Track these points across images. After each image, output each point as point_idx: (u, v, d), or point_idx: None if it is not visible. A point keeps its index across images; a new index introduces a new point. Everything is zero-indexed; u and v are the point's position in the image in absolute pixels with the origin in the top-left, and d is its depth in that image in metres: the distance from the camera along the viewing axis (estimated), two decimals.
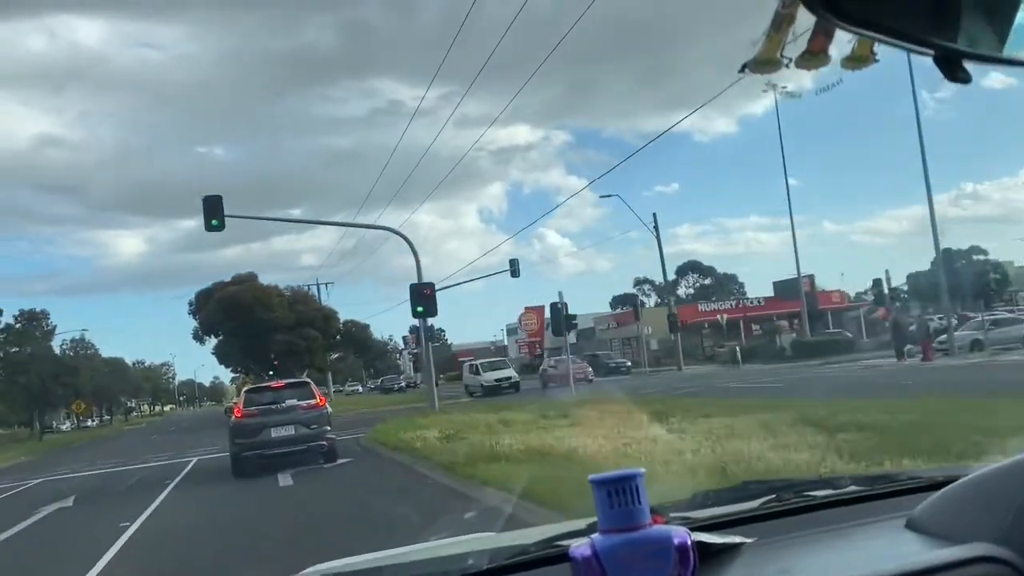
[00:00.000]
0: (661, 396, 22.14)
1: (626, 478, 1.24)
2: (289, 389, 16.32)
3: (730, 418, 12.63)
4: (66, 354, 65.77)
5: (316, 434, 15.44)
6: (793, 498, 1.75)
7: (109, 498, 15.19)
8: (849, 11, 0.84)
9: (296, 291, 57.56)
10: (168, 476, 17.64)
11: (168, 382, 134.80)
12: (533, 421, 16.78)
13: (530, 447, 11.89)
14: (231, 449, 15.63)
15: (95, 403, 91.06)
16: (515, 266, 47.77)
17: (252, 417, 15.46)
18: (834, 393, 17.70)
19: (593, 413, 16.00)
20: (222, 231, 23.82)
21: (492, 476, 9.91)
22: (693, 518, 1.55)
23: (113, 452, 32.49)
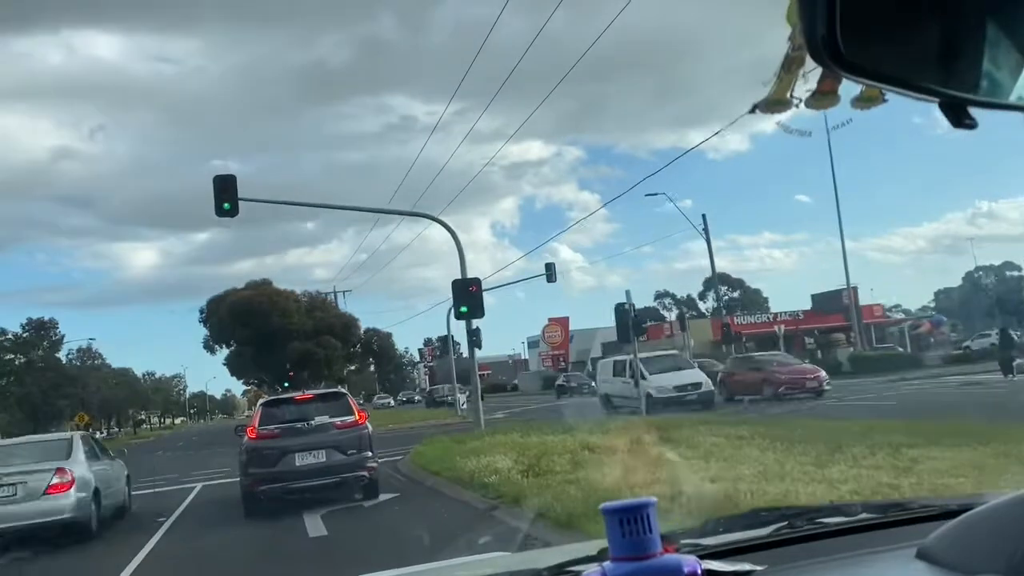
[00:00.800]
0: (782, 418, 18.39)
1: (638, 507, 1.24)
2: (319, 402, 12.48)
3: (950, 450, 8.90)
4: (72, 364, 62.49)
5: (355, 462, 11.72)
6: (804, 525, 1.76)
7: (78, 550, 10.75)
8: (854, 62, 0.85)
9: (314, 297, 53.88)
10: (163, 511, 14.05)
11: (179, 395, 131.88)
12: (630, 448, 13.05)
13: None
14: (242, 481, 11.91)
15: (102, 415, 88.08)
16: (551, 271, 44.57)
17: (270, 439, 11.81)
18: (997, 414, 14.04)
19: (716, 438, 12.30)
20: (234, 216, 20.33)
21: None
22: (704, 545, 1.54)
23: None
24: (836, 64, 0.85)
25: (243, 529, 11.08)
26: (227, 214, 20.24)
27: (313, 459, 11.59)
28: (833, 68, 0.85)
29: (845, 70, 0.85)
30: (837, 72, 0.86)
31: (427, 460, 15.65)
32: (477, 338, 22.12)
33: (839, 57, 0.84)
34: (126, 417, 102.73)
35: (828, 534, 1.70)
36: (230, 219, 20.31)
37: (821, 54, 0.84)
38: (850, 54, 0.84)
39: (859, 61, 0.85)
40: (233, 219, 19.92)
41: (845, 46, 0.83)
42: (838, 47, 0.84)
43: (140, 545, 10.33)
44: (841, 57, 0.84)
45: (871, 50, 0.85)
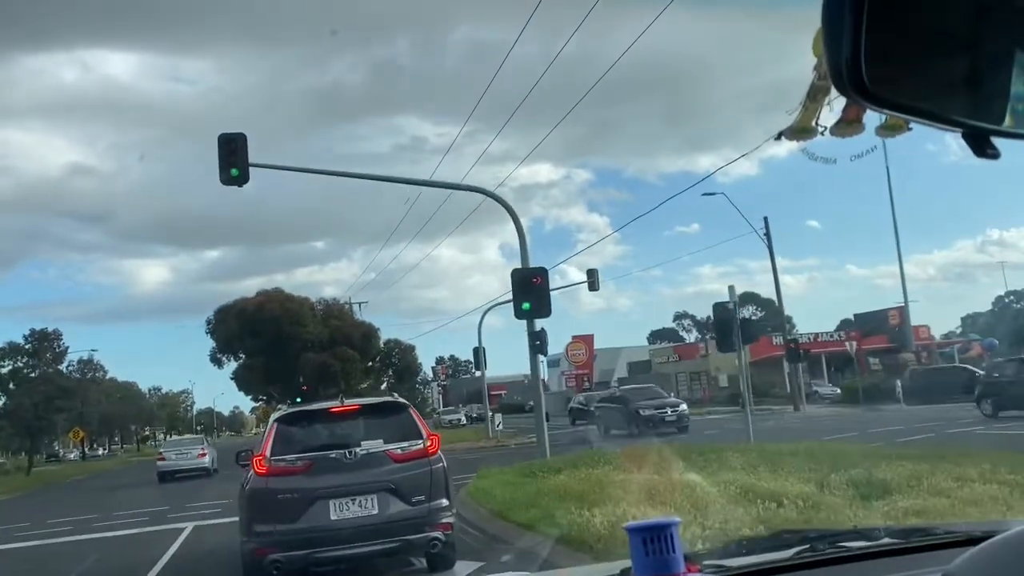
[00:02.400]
0: (918, 450, 13.99)
1: (661, 527, 1.22)
2: (366, 418, 7.96)
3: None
4: (71, 375, 58.30)
5: (423, 515, 7.30)
6: (827, 549, 1.72)
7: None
8: (879, 95, 0.86)
9: (330, 304, 49.25)
10: (136, 568, 9.82)
11: (186, 411, 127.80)
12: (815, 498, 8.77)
13: None
14: (243, 543, 7.41)
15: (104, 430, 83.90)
16: (594, 277, 40.37)
17: (290, 476, 7.32)
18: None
19: None
20: (243, 183, 16.23)
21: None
22: (727, 567, 1.51)
23: (93, 498, 24.74)
24: (860, 95, 0.85)
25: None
26: (235, 181, 16.14)
27: (359, 510, 7.17)
28: (857, 99, 0.86)
29: (869, 101, 0.86)
30: (862, 103, 0.87)
31: (501, 503, 11.32)
32: (542, 342, 17.78)
33: (863, 88, 0.84)
34: (129, 433, 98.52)
35: (851, 558, 1.66)
36: (238, 186, 16.22)
37: (845, 85, 0.85)
38: (874, 85, 0.84)
39: (883, 92, 0.85)
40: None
41: (869, 77, 0.83)
42: (862, 78, 0.84)
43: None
44: (865, 88, 0.84)
45: (896, 81, 0.85)
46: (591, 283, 39.89)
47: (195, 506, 17.55)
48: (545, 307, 17.00)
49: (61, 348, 54.00)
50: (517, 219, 17.55)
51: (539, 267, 17.66)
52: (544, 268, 17.55)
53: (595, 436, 28.66)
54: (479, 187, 18.09)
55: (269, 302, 44.36)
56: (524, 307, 16.78)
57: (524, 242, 17.59)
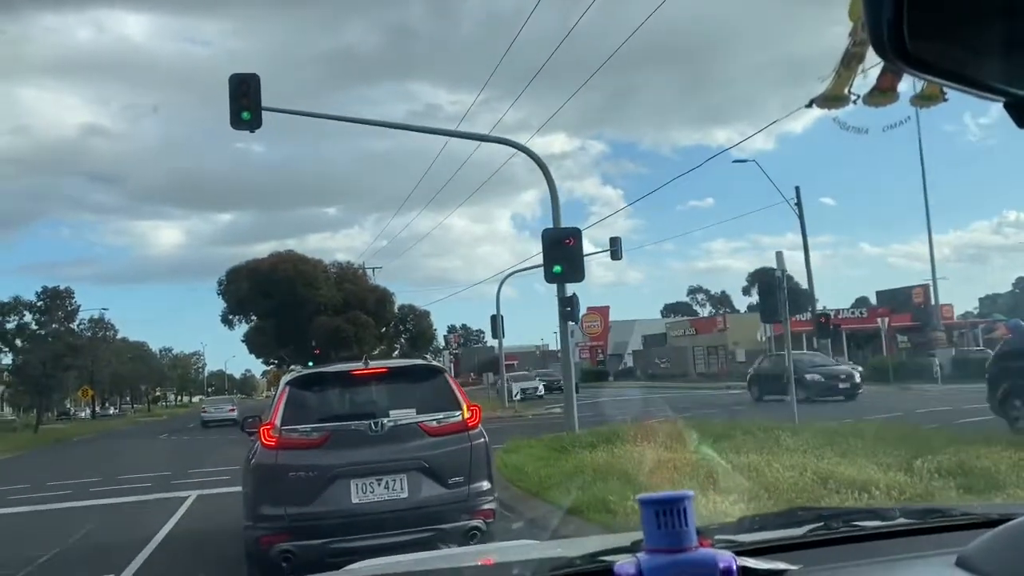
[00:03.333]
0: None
1: (675, 499, 1.22)
2: (395, 382, 6.75)
3: None
4: (82, 334, 57.62)
5: (460, 500, 6.13)
6: (840, 527, 1.71)
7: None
8: (919, 57, 0.83)
9: (344, 268, 47.95)
10: (125, 546, 8.74)
11: (197, 373, 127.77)
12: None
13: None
14: (247, 529, 6.18)
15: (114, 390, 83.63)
16: (616, 246, 39.06)
17: (304, 450, 6.15)
18: None
19: None
20: (256, 128, 15.02)
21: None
22: (739, 542, 1.50)
23: (95, 459, 23.89)
24: (900, 59, 0.82)
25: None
26: (246, 125, 14.93)
27: (385, 492, 5.99)
28: (897, 63, 0.83)
29: (910, 66, 0.83)
30: (901, 67, 0.84)
31: (536, 481, 10.18)
32: (573, 308, 16.55)
33: (904, 52, 0.82)
34: (140, 393, 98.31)
35: (865, 537, 1.65)
36: (250, 131, 14.99)
37: (885, 48, 0.82)
38: (916, 49, 0.81)
39: (925, 57, 0.82)
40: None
41: (911, 40, 0.81)
42: (904, 41, 0.81)
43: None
44: (906, 52, 0.82)
45: (938, 45, 0.82)
46: (613, 252, 38.55)
47: (200, 472, 16.56)
48: (578, 270, 15.77)
49: (72, 306, 53.20)
50: (548, 173, 16.26)
51: (572, 227, 16.41)
52: (578, 229, 16.27)
53: None
54: (508, 139, 16.77)
55: (282, 263, 43.18)
56: (555, 270, 15.51)
57: (556, 199, 16.32)
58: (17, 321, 40.28)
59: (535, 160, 16.37)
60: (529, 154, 16.47)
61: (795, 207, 40.07)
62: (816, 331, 38.90)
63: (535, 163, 16.36)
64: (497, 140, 16.60)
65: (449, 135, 16.69)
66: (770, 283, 16.12)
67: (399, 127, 17.11)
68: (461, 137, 16.65)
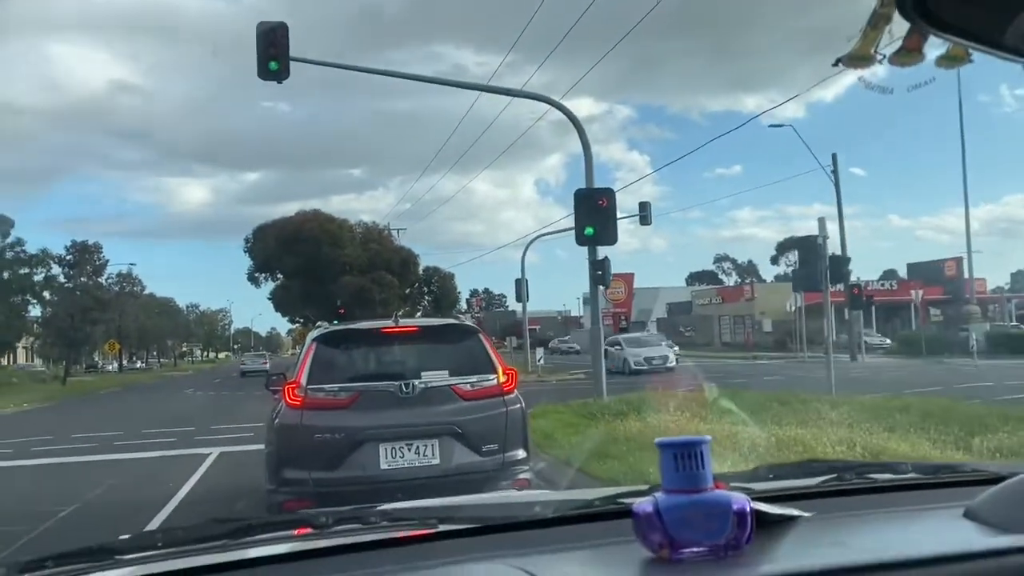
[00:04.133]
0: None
1: (693, 443, 1.26)
2: (427, 342, 6.43)
3: None
4: (110, 288, 58.01)
5: (495, 469, 5.77)
6: (853, 479, 1.76)
7: None
8: (944, 18, 0.83)
9: (370, 228, 47.66)
10: (144, 505, 8.52)
11: (223, 330, 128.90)
12: None
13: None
14: (271, 495, 5.82)
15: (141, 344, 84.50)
16: (646, 211, 38.39)
17: (330, 410, 5.81)
18: None
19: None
20: (284, 79, 14.58)
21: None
22: (753, 489, 1.52)
23: (120, 413, 23.95)
24: (924, 20, 0.82)
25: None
26: (274, 76, 14.49)
27: (415, 458, 5.65)
28: (920, 23, 0.83)
29: (933, 26, 0.83)
30: (925, 28, 0.84)
31: (568, 449, 9.82)
32: (604, 272, 16.05)
33: (927, 13, 0.82)
34: (166, 347, 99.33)
35: (877, 489, 1.70)
36: (278, 81, 14.54)
37: (908, 9, 0.82)
38: (938, 10, 0.81)
39: (948, 17, 0.82)
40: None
41: (934, 1, 0.81)
42: (926, 3, 0.81)
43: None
44: (929, 11, 0.82)
45: (960, 7, 0.82)
46: (643, 217, 37.96)
47: (223, 428, 16.41)
48: (611, 232, 15.25)
49: (101, 261, 53.43)
50: (582, 129, 15.70)
51: (605, 188, 15.87)
52: (611, 189, 15.75)
53: None
54: (541, 95, 16.20)
55: (308, 222, 42.93)
56: (587, 232, 15.02)
57: (589, 156, 15.75)
58: (45, 273, 40.48)
59: (568, 116, 15.82)
60: (562, 109, 15.91)
61: (831, 174, 39.15)
62: (848, 302, 38.12)
63: (568, 119, 15.81)
64: (530, 95, 16.03)
65: (481, 89, 16.15)
66: (811, 250, 15.53)
67: (429, 80, 16.61)
68: (492, 92, 16.09)
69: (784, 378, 24.53)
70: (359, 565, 1.39)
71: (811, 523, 1.41)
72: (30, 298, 40.91)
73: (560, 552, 1.40)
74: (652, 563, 1.24)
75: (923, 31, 0.86)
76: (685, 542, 1.22)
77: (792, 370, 30.30)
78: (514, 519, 1.56)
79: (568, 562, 1.37)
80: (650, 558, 1.25)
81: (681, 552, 1.23)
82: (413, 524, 1.60)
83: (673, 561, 1.22)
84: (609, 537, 1.40)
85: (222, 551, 1.46)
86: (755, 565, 1.22)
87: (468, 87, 16.18)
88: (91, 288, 49.53)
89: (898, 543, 1.35)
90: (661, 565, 1.23)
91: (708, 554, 1.23)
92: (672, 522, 1.21)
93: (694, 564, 1.22)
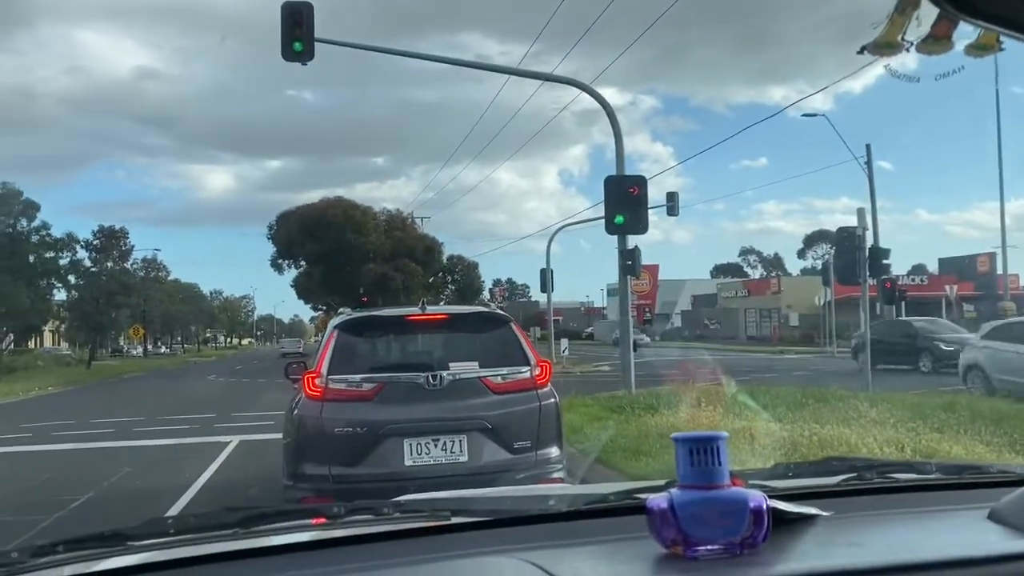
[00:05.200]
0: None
1: (709, 439, 1.24)
2: (455, 331, 6.07)
3: None
4: (136, 273, 58.28)
5: (526, 467, 5.33)
6: (874, 478, 1.71)
7: None
8: (974, 3, 0.81)
9: (393, 215, 47.40)
10: (159, 494, 8.27)
11: (247, 316, 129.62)
12: None
13: None
14: (288, 490, 5.45)
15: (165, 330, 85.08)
16: (673, 201, 37.83)
17: (352, 402, 5.42)
18: None
19: None
20: (308, 60, 14.26)
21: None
22: (771, 487, 1.50)
23: (142, 397, 23.86)
24: (954, 5, 0.80)
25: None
26: (298, 56, 14.17)
27: (442, 455, 5.28)
28: (949, 8, 0.81)
29: (962, 11, 0.80)
30: (953, 13, 0.81)
31: (604, 446, 9.44)
32: (634, 262, 15.62)
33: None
34: (190, 333, 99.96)
35: (899, 489, 1.66)
36: (302, 63, 14.22)
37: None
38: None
39: (979, 3, 0.80)
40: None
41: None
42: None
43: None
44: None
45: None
46: (670, 207, 37.39)
47: (244, 416, 16.19)
48: (641, 221, 14.81)
49: (127, 246, 53.64)
50: (613, 114, 15.21)
51: (637, 175, 15.44)
52: (643, 177, 15.32)
53: None
54: (572, 79, 15.73)
55: (332, 209, 42.72)
56: (617, 220, 14.59)
57: (620, 142, 15.28)
58: (70, 257, 40.69)
59: (599, 100, 15.35)
60: (592, 94, 15.45)
61: (864, 166, 38.33)
62: (881, 296, 37.35)
63: (600, 104, 15.33)
64: (560, 79, 15.57)
65: (512, 73, 15.71)
66: (849, 241, 14.98)
67: (458, 63, 16.16)
68: (523, 75, 15.66)
69: (814, 373, 23.95)
70: (371, 556, 1.37)
71: (829, 522, 1.39)
72: (55, 282, 41.09)
73: (573, 547, 1.38)
74: (666, 559, 1.23)
75: (952, 17, 0.82)
76: (700, 539, 1.20)
77: (822, 365, 29.70)
78: (527, 513, 1.56)
79: (581, 557, 1.35)
80: (664, 554, 1.23)
81: (696, 549, 1.21)
82: (426, 516, 1.57)
83: (687, 558, 1.21)
84: (623, 532, 1.38)
85: (233, 539, 1.43)
86: (771, 564, 1.20)
87: (500, 70, 15.77)
88: (116, 273, 49.72)
89: (919, 545, 1.33)
90: (675, 562, 1.21)
91: (723, 552, 1.21)
92: (687, 518, 1.20)
93: (709, 561, 1.20)
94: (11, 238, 37.79)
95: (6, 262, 35.90)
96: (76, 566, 1.40)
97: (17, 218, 38.66)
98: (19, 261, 36.96)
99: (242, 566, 1.36)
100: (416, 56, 15.21)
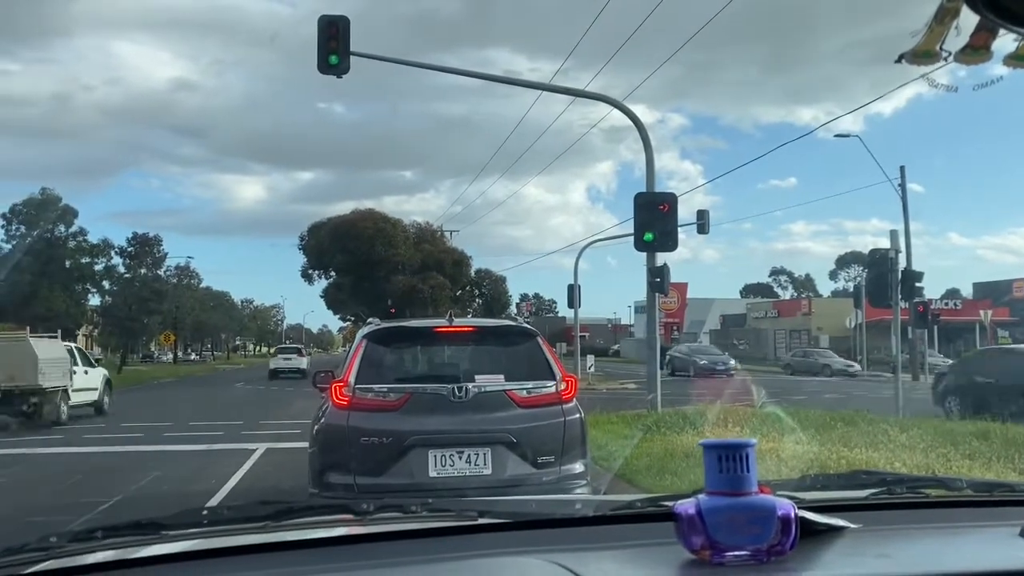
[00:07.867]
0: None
1: (738, 446, 1.24)
2: (481, 344, 6.09)
3: None
4: (168, 280, 59.09)
5: (550, 482, 5.32)
6: (904, 492, 1.69)
7: None
8: (1014, 11, 0.79)
9: (423, 228, 47.71)
10: (186, 500, 8.32)
11: (276, 325, 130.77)
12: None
13: None
14: (312, 500, 5.23)
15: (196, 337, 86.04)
16: (704, 219, 37.62)
17: (378, 412, 5.47)
18: None
19: None
20: (343, 73, 14.44)
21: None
22: (800, 498, 1.44)
23: (171, 403, 24.12)
24: (991, 11, 0.79)
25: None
26: (333, 70, 14.35)
27: (466, 467, 5.30)
28: (989, 15, 0.80)
29: (1001, 18, 0.79)
30: (992, 20, 0.81)
31: (623, 463, 9.38)
32: (662, 280, 15.57)
33: (995, 4, 0.78)
34: (221, 341, 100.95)
35: (928, 504, 1.64)
36: (337, 76, 14.39)
37: (978, 2, 0.78)
38: (1010, 4, 0.77)
39: (1016, 8, 0.78)
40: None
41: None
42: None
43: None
44: (998, 4, 0.78)
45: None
46: (700, 225, 37.17)
47: (271, 424, 16.31)
48: (671, 239, 14.80)
49: (160, 254, 54.46)
50: (644, 130, 15.26)
51: (668, 192, 15.42)
52: (674, 194, 15.29)
53: None
54: (603, 95, 15.78)
55: (363, 220, 43.08)
56: (646, 238, 14.55)
57: (651, 160, 15.29)
58: (105, 263, 41.34)
59: (630, 116, 15.37)
60: (624, 110, 15.47)
61: (898, 188, 37.90)
62: (913, 320, 36.85)
63: (631, 120, 15.36)
64: (592, 95, 15.64)
65: (544, 88, 15.80)
66: (882, 264, 14.81)
67: (490, 78, 16.29)
68: (555, 91, 15.74)
69: (844, 396, 23.67)
70: (399, 553, 1.38)
71: (857, 534, 1.38)
72: (90, 287, 41.78)
73: (599, 550, 1.38)
74: (693, 565, 1.22)
75: (992, 25, 0.74)
76: (727, 545, 1.20)
77: (852, 388, 29.33)
78: (554, 516, 1.56)
79: (607, 560, 1.35)
80: (691, 560, 1.23)
81: (723, 555, 1.20)
82: (453, 516, 1.58)
83: (714, 564, 1.20)
84: (650, 538, 1.38)
85: (264, 532, 1.46)
86: (798, 572, 1.20)
87: (533, 86, 15.87)
88: (149, 280, 50.46)
89: (948, 558, 1.31)
90: (702, 567, 1.21)
91: (750, 558, 1.20)
92: (714, 524, 1.19)
93: (736, 568, 1.19)
94: (49, 243, 38.57)
95: (44, 266, 36.60)
96: (114, 552, 1.43)
97: (55, 223, 39.45)
98: (56, 265, 37.68)
99: (273, 559, 1.38)
100: (449, 71, 15.37)
